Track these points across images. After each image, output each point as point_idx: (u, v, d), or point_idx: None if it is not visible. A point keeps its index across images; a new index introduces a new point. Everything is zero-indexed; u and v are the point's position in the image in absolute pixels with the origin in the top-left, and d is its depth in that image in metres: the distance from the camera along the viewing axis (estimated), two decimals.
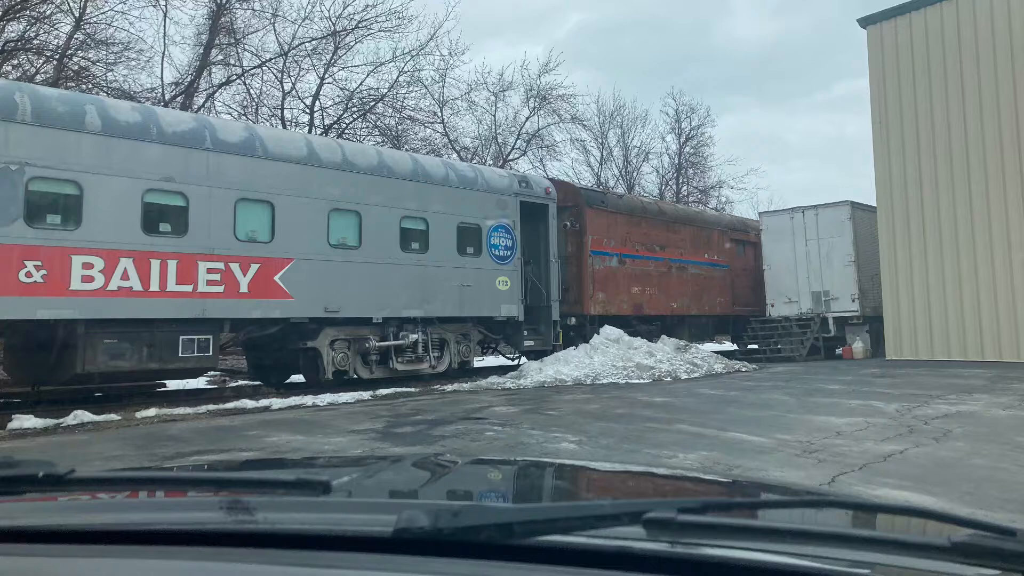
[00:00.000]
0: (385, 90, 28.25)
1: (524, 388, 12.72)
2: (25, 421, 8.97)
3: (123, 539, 1.07)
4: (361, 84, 27.97)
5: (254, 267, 11.58)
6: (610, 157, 40.36)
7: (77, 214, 9.98)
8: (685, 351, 16.20)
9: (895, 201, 18.87)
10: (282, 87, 26.98)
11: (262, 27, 26.07)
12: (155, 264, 10.56)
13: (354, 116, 28.21)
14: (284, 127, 25.63)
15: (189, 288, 10.88)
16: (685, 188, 41.65)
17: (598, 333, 15.82)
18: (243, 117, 25.64)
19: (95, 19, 21.87)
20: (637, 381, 13.48)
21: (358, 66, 28.75)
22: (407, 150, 24.13)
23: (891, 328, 18.80)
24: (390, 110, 28.71)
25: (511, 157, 33.45)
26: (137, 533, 1.09)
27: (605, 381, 13.38)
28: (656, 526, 0.95)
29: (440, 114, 30.79)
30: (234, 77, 26.11)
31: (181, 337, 10.86)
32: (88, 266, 9.95)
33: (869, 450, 6.57)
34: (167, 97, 23.77)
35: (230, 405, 10.58)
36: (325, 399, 10.90)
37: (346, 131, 27.44)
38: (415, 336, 13.79)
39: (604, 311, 17.76)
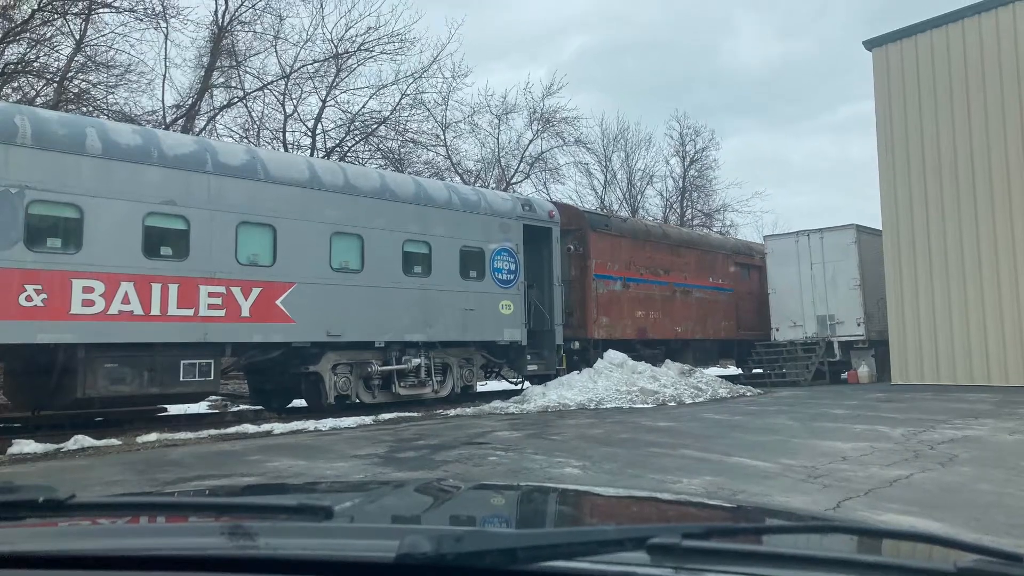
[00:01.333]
0: (387, 113, 28.34)
1: (527, 413, 12.67)
2: (25, 446, 8.93)
3: (124, 565, 1.06)
4: (363, 107, 28.05)
5: (256, 291, 11.58)
6: (614, 180, 40.45)
7: (77, 237, 9.97)
8: (689, 376, 16.15)
9: (901, 224, 18.83)
10: (284, 110, 27.09)
11: (264, 49, 26.20)
12: (156, 288, 10.56)
13: (356, 139, 28.30)
14: (286, 150, 25.71)
15: (190, 312, 10.87)
16: (689, 211, 41.68)
17: (602, 357, 15.78)
18: (244, 140, 25.70)
19: (95, 41, 21.91)
20: (641, 406, 13.43)
21: (360, 89, 28.99)
22: (410, 173, 24.21)
23: (897, 352, 18.71)
24: (392, 133, 28.79)
25: (514, 180, 33.56)
26: (138, 559, 1.08)
27: (609, 406, 13.32)
28: (660, 551, 0.95)
29: (443, 137, 30.91)
30: (235, 100, 26.17)
31: (182, 361, 10.84)
32: (89, 290, 9.94)
33: (874, 475, 6.52)
34: (168, 120, 23.82)
35: (231, 430, 10.53)
36: (327, 424, 10.86)
37: (348, 154, 27.50)
38: (418, 360, 13.76)
39: (608, 335, 17.74)
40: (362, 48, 26.84)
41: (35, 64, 20.92)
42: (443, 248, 14.24)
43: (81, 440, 9.18)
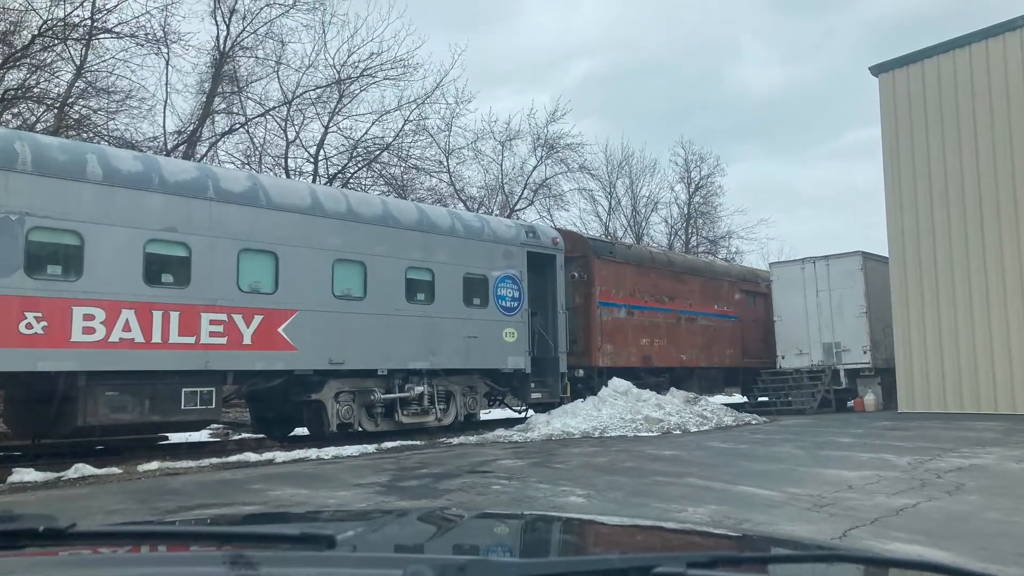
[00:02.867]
0: (390, 139, 28.22)
1: (531, 441, 12.60)
2: (25, 474, 8.88)
3: None
4: (366, 133, 27.92)
5: (257, 318, 11.56)
6: (618, 207, 40.40)
7: (78, 264, 9.95)
8: (694, 403, 16.08)
9: (907, 251, 18.72)
10: (286, 136, 27.00)
11: (266, 75, 26.06)
12: (157, 315, 10.52)
13: (359, 165, 28.21)
14: (288, 176, 25.64)
15: (192, 340, 10.84)
16: (694, 238, 41.61)
17: (606, 385, 15.72)
18: (246, 166, 25.58)
19: (96, 67, 21.85)
20: (646, 434, 13.36)
21: (363, 115, 28.76)
22: (412, 200, 24.23)
23: (903, 380, 18.56)
24: (395, 159, 28.69)
25: (518, 207, 33.51)
26: None
27: (613, 434, 13.25)
28: None
29: (446, 163, 30.76)
30: (237, 126, 26.07)
31: (183, 389, 10.79)
32: (89, 317, 9.90)
33: (881, 504, 6.47)
34: (169, 146, 23.72)
35: (233, 458, 10.48)
36: (329, 452, 10.81)
37: (351, 180, 27.41)
38: (421, 388, 13.71)
39: (612, 363, 17.68)
40: (365, 73, 26.76)
41: (35, 90, 20.94)
42: (446, 275, 14.24)
43: (82, 469, 9.13)
